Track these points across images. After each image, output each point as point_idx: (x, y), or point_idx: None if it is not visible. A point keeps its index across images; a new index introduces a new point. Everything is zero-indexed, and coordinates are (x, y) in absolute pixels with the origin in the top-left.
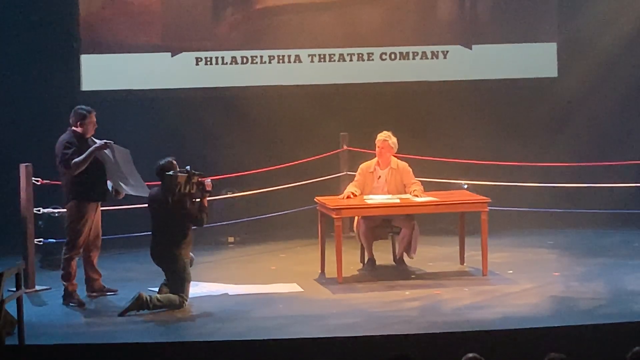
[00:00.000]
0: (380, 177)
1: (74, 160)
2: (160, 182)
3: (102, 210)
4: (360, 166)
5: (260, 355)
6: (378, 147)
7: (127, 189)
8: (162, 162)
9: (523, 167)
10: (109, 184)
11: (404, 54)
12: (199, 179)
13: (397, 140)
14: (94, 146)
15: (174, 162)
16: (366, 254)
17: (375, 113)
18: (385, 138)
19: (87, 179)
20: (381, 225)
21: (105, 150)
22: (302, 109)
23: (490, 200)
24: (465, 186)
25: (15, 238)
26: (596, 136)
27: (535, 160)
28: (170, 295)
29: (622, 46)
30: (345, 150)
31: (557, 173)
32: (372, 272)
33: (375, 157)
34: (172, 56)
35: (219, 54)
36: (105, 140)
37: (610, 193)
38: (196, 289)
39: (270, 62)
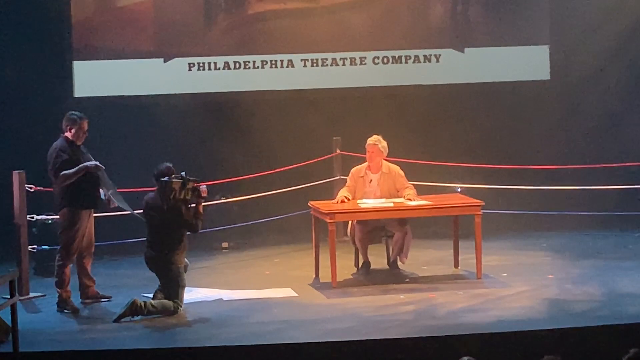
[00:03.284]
0: (371, 181)
1: (63, 172)
2: (155, 189)
3: (96, 216)
4: (351, 170)
5: None
6: (368, 151)
7: (117, 203)
8: (160, 167)
9: (516, 170)
10: (102, 192)
11: (397, 57)
12: (194, 185)
13: (391, 143)
14: (86, 164)
15: (172, 167)
16: (361, 257)
17: (368, 117)
18: (375, 142)
19: (79, 186)
20: (375, 229)
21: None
22: (295, 113)
23: (483, 204)
24: (459, 189)
25: (9, 245)
26: (589, 138)
27: (528, 163)
28: (165, 301)
29: (614, 48)
30: (338, 155)
31: (550, 176)
32: (367, 277)
33: (366, 161)
34: (164, 62)
35: (212, 59)
36: (97, 163)
37: (604, 195)
38: (191, 294)
39: (263, 67)
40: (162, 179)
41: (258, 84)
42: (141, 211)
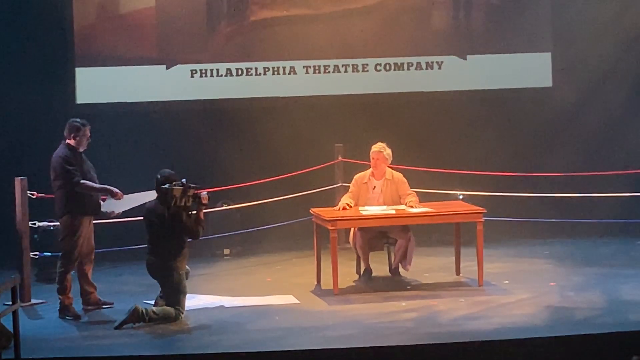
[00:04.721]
0: (375, 187)
1: (84, 182)
2: (156, 195)
3: (97, 223)
4: (355, 177)
5: None
6: (372, 158)
7: (121, 209)
8: (161, 174)
9: (518, 177)
10: (102, 204)
11: (399, 64)
12: (195, 192)
13: (392, 151)
14: (111, 188)
15: (173, 174)
16: (362, 264)
17: (370, 124)
18: (380, 149)
19: (80, 193)
20: (377, 236)
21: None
22: (297, 120)
23: (485, 211)
24: (461, 197)
25: (11, 252)
26: (591, 146)
27: (530, 170)
28: (166, 307)
29: (616, 55)
30: (340, 162)
31: (552, 183)
32: (368, 284)
33: (370, 168)
34: (167, 69)
35: (214, 66)
36: (119, 194)
37: (606, 202)
38: (192, 301)
39: (265, 74)
40: (164, 186)
41: (260, 91)
42: (141, 218)
